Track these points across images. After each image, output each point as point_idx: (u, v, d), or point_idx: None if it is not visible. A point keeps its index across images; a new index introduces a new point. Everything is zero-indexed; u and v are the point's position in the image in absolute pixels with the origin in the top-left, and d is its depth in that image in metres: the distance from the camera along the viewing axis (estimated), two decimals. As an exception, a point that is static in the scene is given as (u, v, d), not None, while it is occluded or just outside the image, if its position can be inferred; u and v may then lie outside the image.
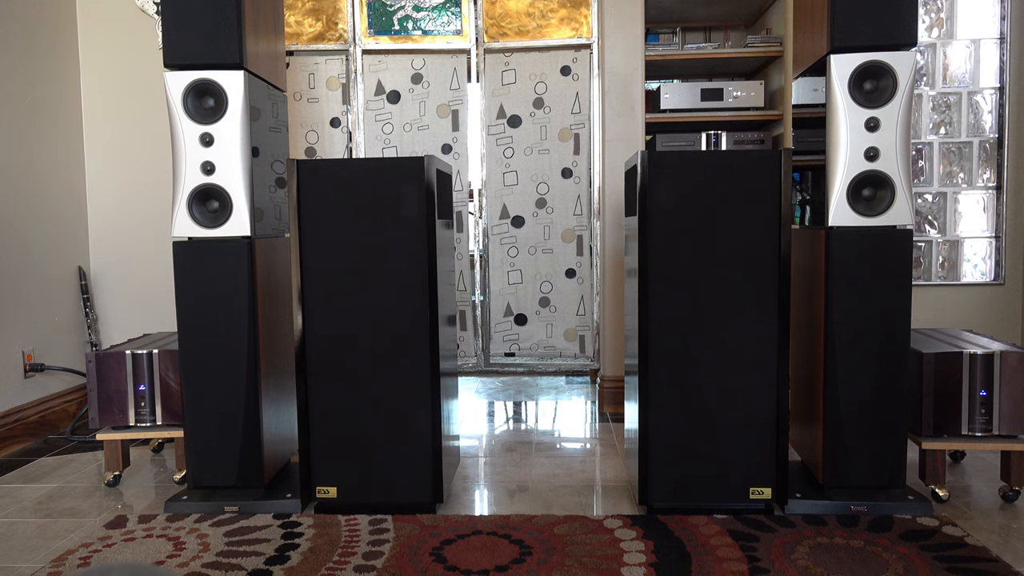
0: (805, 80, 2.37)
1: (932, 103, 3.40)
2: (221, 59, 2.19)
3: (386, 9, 3.58)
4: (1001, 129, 3.37)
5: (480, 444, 3.03)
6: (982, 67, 3.38)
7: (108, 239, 3.59)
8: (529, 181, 3.61)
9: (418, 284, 2.21)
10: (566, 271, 3.63)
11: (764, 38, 3.41)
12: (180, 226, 2.23)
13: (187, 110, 2.20)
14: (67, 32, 3.46)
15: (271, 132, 2.45)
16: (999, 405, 2.24)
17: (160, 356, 2.50)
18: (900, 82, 2.10)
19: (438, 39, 3.58)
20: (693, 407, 2.18)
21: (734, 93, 3.40)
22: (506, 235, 3.63)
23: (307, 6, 3.57)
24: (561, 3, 3.56)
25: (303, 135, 3.62)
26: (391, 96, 3.60)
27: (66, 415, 3.38)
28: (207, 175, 2.21)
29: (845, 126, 2.12)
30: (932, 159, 3.42)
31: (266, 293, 2.35)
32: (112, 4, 3.50)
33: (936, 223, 3.43)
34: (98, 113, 3.55)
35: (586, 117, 3.58)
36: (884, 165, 2.11)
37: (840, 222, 2.14)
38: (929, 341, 2.44)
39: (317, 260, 2.22)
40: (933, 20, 3.38)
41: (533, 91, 3.58)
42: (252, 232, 2.25)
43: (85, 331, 3.54)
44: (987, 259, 3.42)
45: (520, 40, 3.57)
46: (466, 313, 3.69)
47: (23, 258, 3.17)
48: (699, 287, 2.15)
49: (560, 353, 3.67)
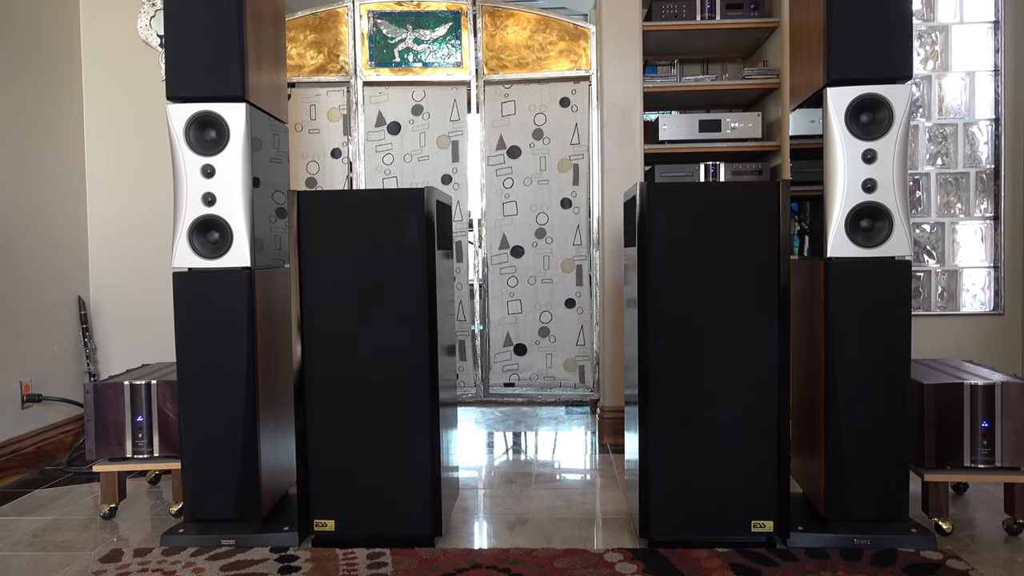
0: (802, 112, 2.39)
1: (928, 134, 3.43)
2: (223, 91, 2.21)
3: (387, 42, 3.62)
4: (998, 160, 3.39)
5: (479, 475, 3.01)
6: (977, 99, 3.41)
7: (108, 269, 3.60)
8: (529, 211, 3.62)
9: (418, 314, 2.21)
10: (566, 301, 3.64)
11: (761, 70, 3.45)
12: (180, 257, 2.24)
13: (189, 142, 2.22)
14: (71, 63, 3.49)
15: (272, 163, 2.47)
16: (1001, 436, 2.23)
17: (159, 387, 2.49)
18: (896, 114, 2.11)
19: (438, 71, 3.62)
20: (694, 438, 2.16)
21: (732, 124, 3.42)
22: (506, 265, 3.64)
23: (309, 39, 3.61)
24: (560, 36, 3.60)
25: (304, 166, 3.64)
26: (392, 127, 3.63)
27: (63, 446, 3.35)
28: (208, 206, 2.22)
29: (842, 158, 2.13)
30: (929, 189, 3.44)
31: (265, 323, 2.35)
32: (116, 36, 3.54)
33: (935, 253, 3.44)
34: (100, 144, 3.57)
35: (585, 148, 3.60)
36: (882, 197, 2.12)
37: (839, 253, 2.14)
38: (930, 372, 2.43)
39: (317, 290, 2.22)
40: (928, 53, 3.42)
41: (532, 122, 3.61)
42: (252, 263, 2.25)
43: (84, 361, 3.53)
44: (986, 289, 3.43)
45: (520, 72, 3.61)
46: (466, 343, 3.68)
47: (23, 288, 3.17)
48: (699, 317, 2.15)
49: (560, 383, 3.66)
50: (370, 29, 3.61)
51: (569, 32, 3.60)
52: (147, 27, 3.49)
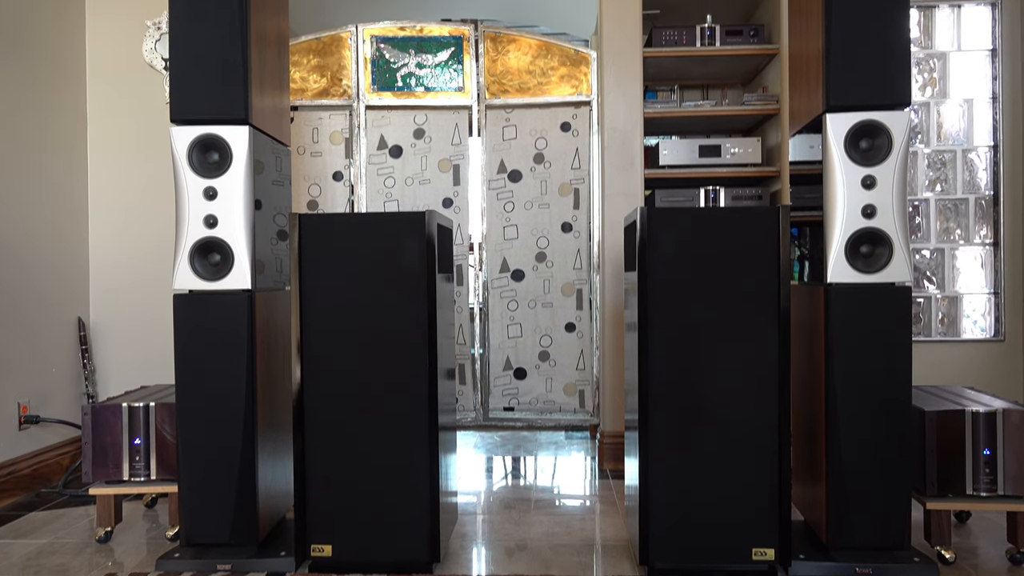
0: (801, 137, 2.41)
1: (927, 160, 3.44)
2: (227, 114, 2.23)
3: (390, 66, 3.64)
4: (997, 186, 3.41)
5: (478, 500, 2.99)
6: (976, 126, 3.43)
7: (109, 290, 3.60)
8: (529, 235, 3.63)
9: (418, 338, 2.21)
10: (566, 325, 3.63)
11: (760, 96, 3.47)
12: (181, 279, 2.24)
13: (192, 164, 2.23)
14: (75, 85, 3.52)
15: (274, 185, 2.48)
16: (1003, 464, 2.22)
17: (157, 409, 2.48)
18: (895, 141, 2.12)
19: (440, 95, 3.64)
20: (694, 464, 2.15)
21: (732, 150, 3.44)
22: (506, 288, 3.64)
23: (312, 63, 3.64)
24: (561, 61, 3.63)
25: (306, 188, 3.65)
26: (393, 150, 3.65)
27: (59, 468, 3.33)
28: (210, 228, 2.23)
29: (842, 184, 2.14)
30: (929, 215, 3.45)
31: (265, 346, 2.35)
32: (121, 59, 3.57)
33: (935, 279, 3.44)
34: (103, 165, 3.59)
35: (586, 172, 3.62)
36: (881, 222, 2.13)
37: (839, 279, 2.14)
38: (931, 398, 2.42)
39: (317, 313, 2.22)
40: (926, 79, 3.45)
41: (534, 146, 3.63)
42: (253, 285, 2.25)
43: (82, 382, 3.52)
44: (987, 315, 3.43)
45: (521, 97, 3.63)
46: (465, 367, 3.67)
47: (23, 308, 3.17)
48: (699, 342, 2.15)
49: (560, 408, 3.65)
50: (373, 53, 3.64)
51: (570, 58, 3.63)
52: (152, 50, 3.52)
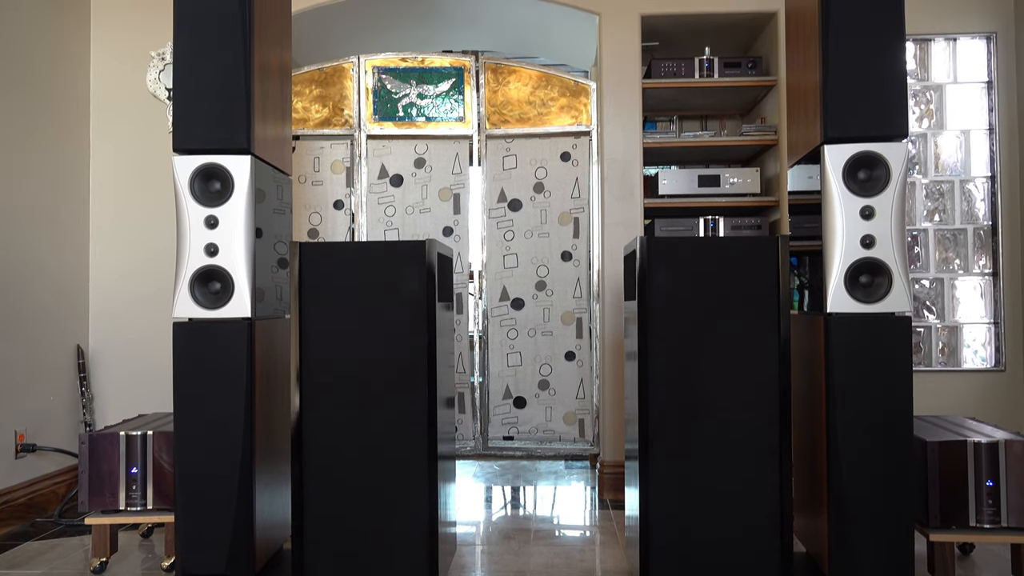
0: (800, 168, 2.42)
1: (926, 190, 3.46)
2: (229, 144, 2.24)
3: (391, 96, 3.68)
4: (995, 216, 3.42)
5: (477, 531, 2.97)
6: (973, 156, 3.45)
7: (109, 318, 3.60)
8: (529, 264, 3.64)
9: (417, 367, 2.20)
10: (566, 354, 3.63)
11: (759, 127, 3.50)
12: (181, 307, 2.24)
13: (193, 193, 2.24)
14: (79, 113, 3.55)
15: (275, 214, 2.49)
16: (1006, 496, 2.20)
17: (155, 438, 2.47)
18: (893, 172, 2.14)
19: (441, 125, 3.68)
20: (695, 495, 2.14)
21: (731, 180, 3.46)
22: (506, 317, 3.64)
23: (314, 93, 3.67)
24: (561, 92, 3.67)
25: (306, 217, 3.67)
26: (394, 179, 3.67)
27: (55, 497, 3.31)
28: (210, 256, 2.23)
29: (840, 214, 2.15)
30: (928, 245, 3.46)
31: (264, 375, 2.34)
32: (125, 88, 3.60)
33: (934, 308, 3.44)
34: (105, 192, 3.61)
35: (585, 201, 3.64)
36: (880, 253, 2.13)
37: (838, 308, 2.14)
38: (932, 429, 2.41)
39: (316, 342, 2.22)
40: (923, 111, 3.48)
41: (534, 176, 3.65)
42: (253, 313, 2.25)
43: (80, 411, 3.50)
44: (987, 345, 3.42)
45: (521, 127, 3.66)
46: (465, 395, 3.66)
47: (22, 337, 3.17)
48: (699, 372, 2.14)
49: (559, 437, 3.63)
50: (375, 84, 3.67)
51: (570, 88, 3.67)
52: (156, 80, 3.56)
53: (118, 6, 3.61)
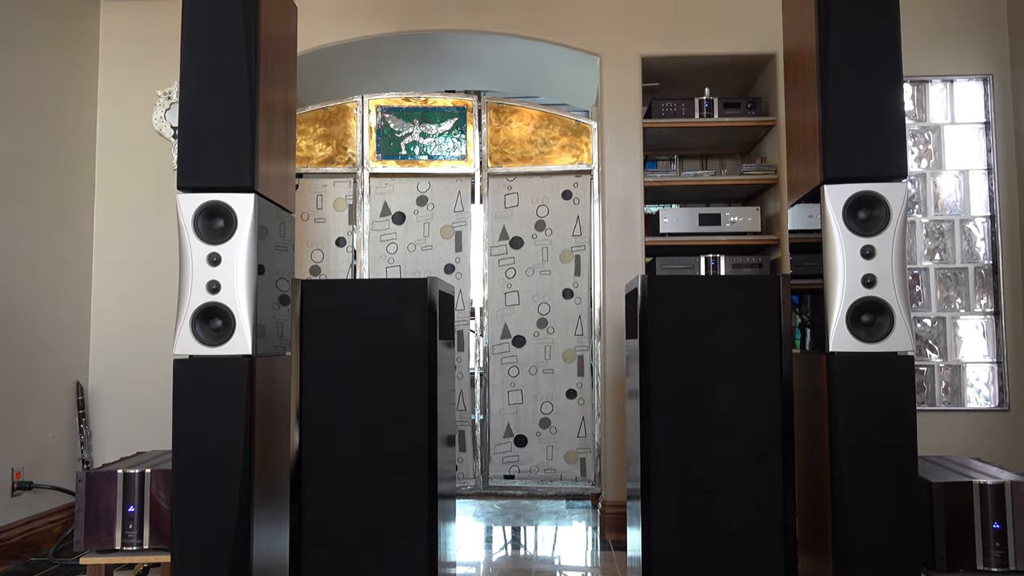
0: (800, 207, 2.44)
1: (926, 229, 3.48)
2: (233, 182, 2.26)
3: (394, 135, 3.72)
4: (995, 256, 3.43)
5: (477, 572, 2.92)
6: (972, 196, 3.47)
7: (109, 354, 3.59)
8: (530, 301, 3.64)
9: (418, 406, 2.19)
10: (567, 391, 3.61)
11: (759, 166, 3.52)
12: (182, 344, 2.23)
13: (197, 230, 2.25)
14: (85, 151, 3.58)
15: (277, 251, 2.50)
16: (1014, 538, 2.17)
17: (153, 476, 2.45)
18: (893, 212, 2.15)
19: (443, 163, 3.71)
20: (698, 536, 2.11)
21: (731, 218, 3.48)
22: (507, 354, 3.63)
23: (319, 131, 3.71)
24: (562, 131, 3.70)
25: (308, 254, 3.68)
26: (396, 217, 3.69)
27: (51, 536, 3.27)
28: (212, 294, 2.24)
29: (841, 253, 2.15)
30: (929, 284, 3.46)
31: (264, 412, 2.33)
32: (130, 126, 3.64)
33: (937, 347, 3.43)
34: (109, 230, 3.62)
35: (587, 239, 3.65)
36: (882, 292, 2.14)
37: (841, 347, 2.14)
38: (937, 469, 2.39)
39: (317, 379, 2.21)
40: (922, 151, 3.51)
41: (535, 214, 3.67)
42: (253, 351, 2.25)
43: (78, 448, 3.48)
44: (990, 384, 3.41)
45: (523, 165, 3.69)
46: (465, 433, 3.64)
47: (22, 373, 3.16)
48: (702, 411, 2.13)
49: (561, 476, 3.60)
50: (378, 123, 3.71)
51: (571, 128, 3.70)
52: (161, 119, 3.60)
53: (126, 46, 3.67)
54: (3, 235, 3.06)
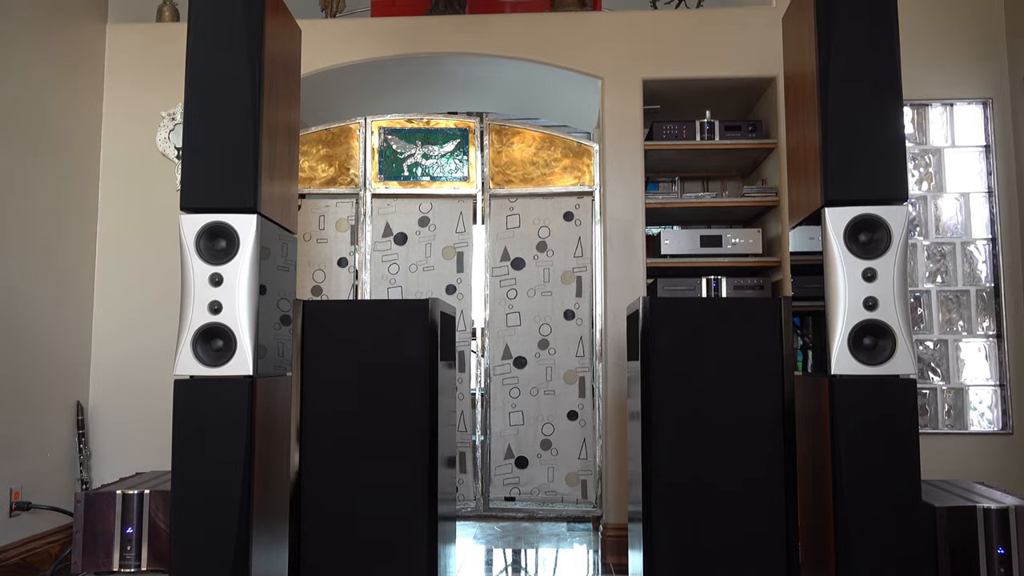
0: (801, 229, 2.44)
1: (927, 252, 3.48)
2: (236, 203, 2.27)
3: (397, 156, 3.73)
4: (997, 279, 3.43)
5: (477, 595, 2.90)
6: (973, 219, 3.48)
7: (110, 374, 3.59)
8: (532, 322, 3.64)
9: (419, 426, 2.18)
10: (568, 413, 3.60)
11: (760, 188, 3.53)
12: (183, 364, 2.23)
13: (199, 251, 2.26)
14: (89, 171, 3.60)
15: (279, 271, 2.50)
16: (1018, 563, 2.15)
17: (151, 497, 2.44)
18: (894, 234, 2.15)
19: (445, 185, 3.72)
20: (700, 559, 2.09)
21: (732, 240, 3.48)
22: (508, 375, 3.63)
23: (321, 152, 3.73)
24: (564, 153, 3.72)
25: (310, 274, 3.69)
26: (398, 238, 3.70)
27: (48, 557, 3.25)
28: (214, 314, 2.24)
29: (842, 276, 2.15)
30: (931, 306, 3.46)
31: (264, 433, 2.32)
32: (134, 147, 3.66)
33: (939, 370, 3.42)
34: (111, 249, 3.63)
35: (588, 260, 3.65)
36: (883, 314, 2.13)
37: (842, 371, 2.13)
38: (941, 494, 2.38)
39: (317, 400, 2.21)
40: (923, 174, 3.52)
41: (537, 235, 3.68)
42: (254, 371, 2.24)
43: (77, 468, 3.46)
44: (993, 408, 3.39)
45: (525, 187, 3.71)
46: (466, 455, 3.62)
47: (22, 392, 3.15)
48: (703, 433, 2.12)
49: (562, 498, 3.58)
50: (380, 144, 3.73)
51: (573, 149, 3.72)
52: (165, 139, 3.62)
53: (132, 67, 3.70)
54: (5, 254, 3.07)
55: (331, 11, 3.86)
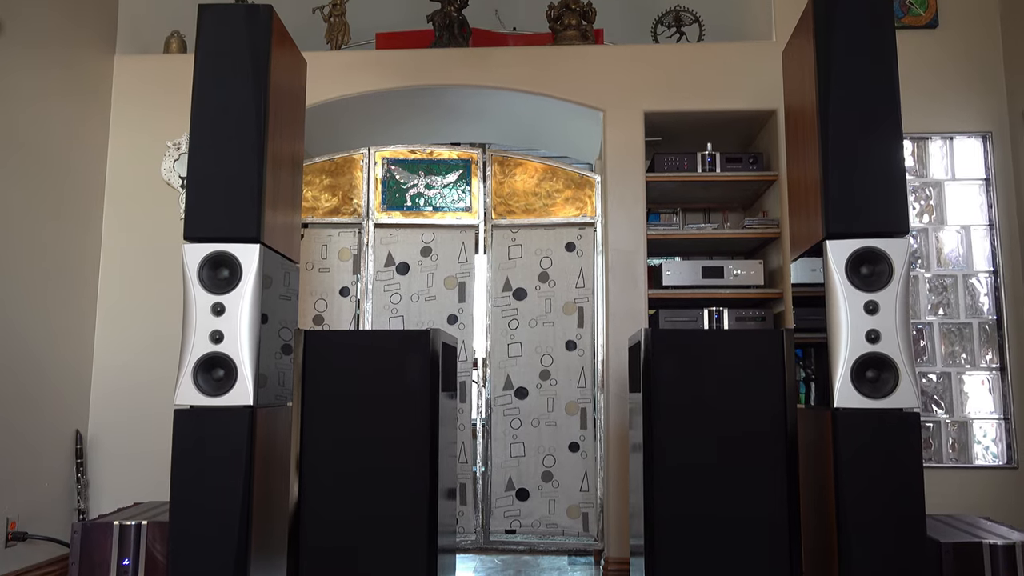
0: (803, 261, 2.44)
1: (929, 284, 3.48)
2: (239, 233, 2.28)
3: (400, 187, 3.76)
4: (999, 311, 3.42)
5: (477, 630, 2.86)
6: (974, 251, 3.48)
7: (109, 403, 3.57)
8: (533, 352, 3.63)
9: (419, 457, 2.17)
10: (569, 444, 3.58)
11: (761, 220, 3.55)
12: (184, 394, 2.23)
13: (202, 280, 2.26)
14: (94, 199, 3.62)
15: (281, 300, 2.50)
16: (1026, 601, 2.13)
17: (148, 528, 2.41)
18: (896, 267, 2.15)
19: (448, 215, 3.74)
20: (703, 596, 2.07)
21: (734, 271, 3.49)
22: (509, 406, 3.61)
23: (325, 182, 3.75)
24: (566, 184, 3.74)
25: (312, 303, 3.69)
26: (400, 267, 3.70)
27: (43, 588, 3.21)
28: (215, 344, 2.24)
29: (844, 308, 2.15)
30: (933, 339, 3.45)
31: (264, 463, 2.31)
32: (139, 176, 3.68)
33: (943, 403, 3.41)
34: (114, 277, 3.64)
35: (590, 291, 3.66)
36: (886, 347, 2.13)
37: (845, 404, 2.12)
38: (946, 529, 2.35)
39: (317, 430, 2.20)
40: (923, 206, 3.53)
41: (539, 265, 3.69)
42: (255, 401, 2.24)
43: (75, 497, 3.44)
44: (998, 441, 3.37)
45: (527, 217, 3.72)
46: (466, 486, 3.59)
47: (21, 420, 3.14)
48: (706, 465, 2.11)
49: (563, 531, 3.54)
50: (384, 174, 3.76)
51: (575, 181, 3.74)
52: (170, 169, 3.65)
53: (138, 97, 3.74)
54: (9, 281, 3.08)
55: (336, 44, 3.91)
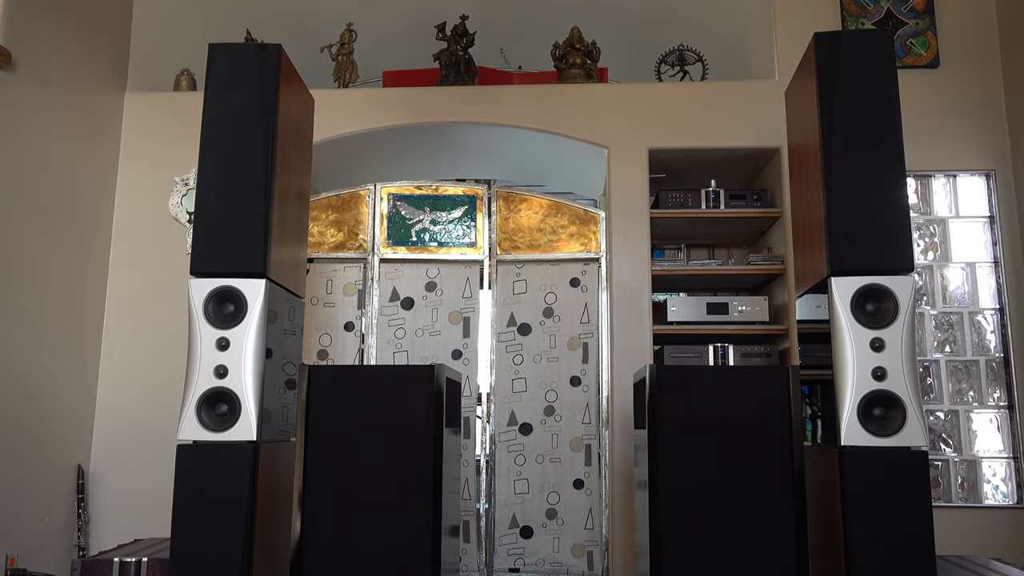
0: (808, 298, 2.44)
1: (935, 321, 3.47)
2: (245, 268, 2.28)
3: (405, 222, 3.78)
4: (1006, 349, 3.40)
5: (480, 672, 2.81)
6: (980, 289, 3.47)
7: (112, 438, 3.56)
8: (538, 388, 3.62)
9: (422, 495, 2.15)
10: (574, 481, 3.54)
11: (766, 256, 3.55)
12: (187, 429, 2.22)
13: (207, 315, 2.26)
14: (101, 233, 3.64)
15: (286, 334, 2.50)
16: (1040, 645, 2.08)
17: (149, 565, 2.39)
18: (901, 305, 2.15)
19: (453, 250, 3.75)
20: (710, 638, 2.03)
21: (739, 308, 3.48)
22: (513, 442, 3.59)
23: (331, 218, 3.78)
24: (571, 220, 3.76)
25: (317, 338, 3.69)
26: (405, 302, 3.71)
27: (41, 625, 3.17)
28: (219, 379, 2.23)
29: (850, 346, 2.14)
30: (940, 376, 3.43)
31: (266, 500, 2.29)
32: (147, 212, 3.71)
33: (951, 441, 3.38)
34: (120, 312, 3.65)
35: (595, 327, 3.65)
36: (892, 385, 2.11)
37: (853, 442, 2.10)
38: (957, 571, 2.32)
39: (320, 466, 2.18)
40: (928, 244, 3.53)
41: (543, 300, 3.69)
42: (258, 436, 2.22)
43: (75, 533, 3.41)
44: (1008, 480, 3.33)
45: (531, 253, 3.73)
46: (470, 523, 3.55)
47: (22, 455, 3.13)
48: (712, 503, 2.08)
49: (567, 570, 3.49)
50: (389, 210, 3.78)
51: (580, 217, 3.76)
52: (178, 204, 3.67)
53: (147, 133, 3.78)
54: (13, 316, 3.09)
55: (344, 82, 3.96)
